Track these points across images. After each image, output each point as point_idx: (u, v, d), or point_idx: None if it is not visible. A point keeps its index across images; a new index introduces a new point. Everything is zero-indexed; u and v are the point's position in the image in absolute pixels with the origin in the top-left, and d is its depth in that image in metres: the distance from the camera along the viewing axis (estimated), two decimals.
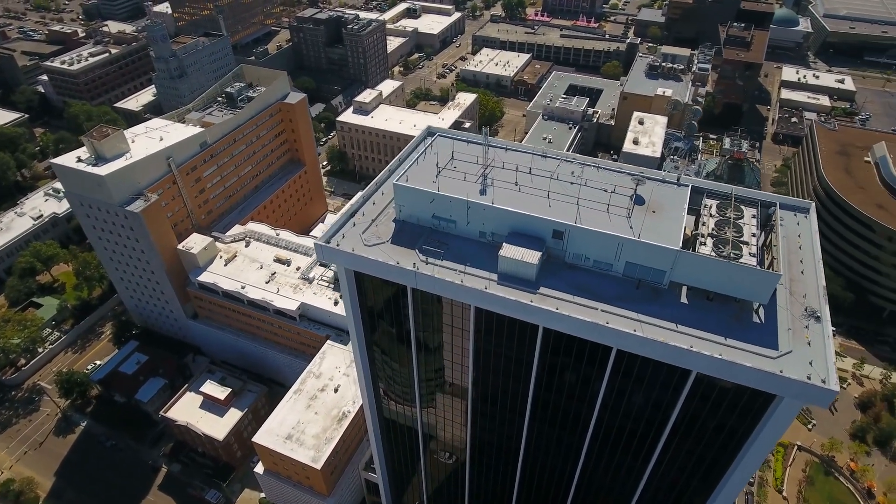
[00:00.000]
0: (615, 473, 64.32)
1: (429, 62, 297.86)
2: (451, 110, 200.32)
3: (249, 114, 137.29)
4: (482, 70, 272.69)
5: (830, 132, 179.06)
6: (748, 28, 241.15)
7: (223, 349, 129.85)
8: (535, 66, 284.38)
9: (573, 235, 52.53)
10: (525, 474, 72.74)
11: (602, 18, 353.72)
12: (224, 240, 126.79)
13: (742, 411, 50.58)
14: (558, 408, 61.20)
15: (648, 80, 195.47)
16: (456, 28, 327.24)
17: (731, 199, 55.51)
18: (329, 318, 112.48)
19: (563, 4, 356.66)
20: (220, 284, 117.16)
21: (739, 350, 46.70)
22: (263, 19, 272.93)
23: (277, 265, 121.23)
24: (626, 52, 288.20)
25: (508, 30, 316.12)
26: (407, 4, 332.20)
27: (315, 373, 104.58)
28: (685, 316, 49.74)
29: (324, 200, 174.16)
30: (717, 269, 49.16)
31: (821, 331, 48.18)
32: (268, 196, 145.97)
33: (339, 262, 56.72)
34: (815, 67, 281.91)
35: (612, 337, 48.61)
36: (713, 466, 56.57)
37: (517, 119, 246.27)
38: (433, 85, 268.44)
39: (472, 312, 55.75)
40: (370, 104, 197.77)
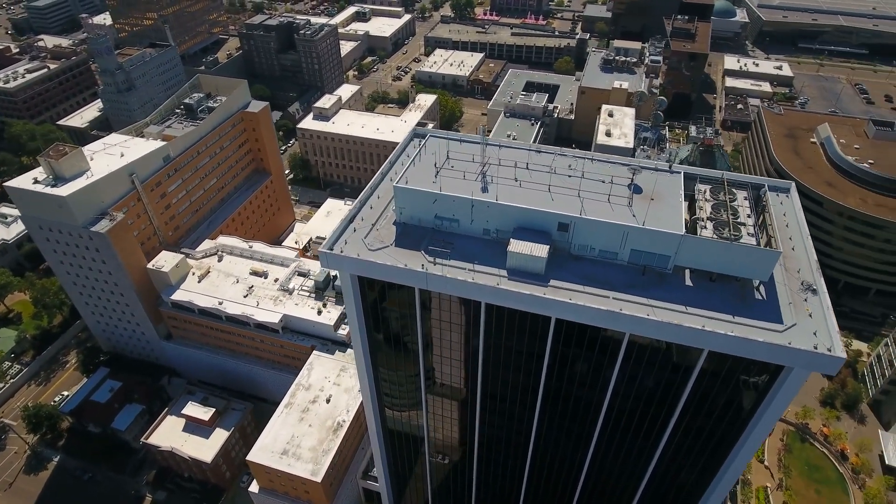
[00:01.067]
0: (626, 458, 65.66)
1: (383, 65, 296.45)
2: (412, 112, 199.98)
3: (212, 124, 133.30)
4: (437, 71, 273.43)
5: (777, 116, 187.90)
6: (692, 20, 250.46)
7: (201, 369, 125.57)
8: (490, 64, 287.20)
9: (579, 227, 53.35)
10: (534, 467, 73.39)
11: (549, 16, 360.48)
12: (195, 256, 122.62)
13: (751, 385, 52.61)
14: (569, 398, 62.02)
15: (604, 74, 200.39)
16: (407, 30, 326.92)
17: (723, 184, 57.58)
18: (313, 329, 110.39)
19: (511, 3, 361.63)
20: (196, 302, 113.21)
21: (748, 326, 48.39)
22: (210, 28, 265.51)
23: (254, 278, 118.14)
24: (576, 48, 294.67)
25: (460, 30, 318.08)
26: (356, 8, 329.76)
27: (304, 385, 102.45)
28: (691, 298, 51.24)
29: (291, 210, 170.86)
30: (720, 250, 50.81)
31: (819, 303, 50.50)
32: (235, 208, 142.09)
33: (346, 268, 55.81)
34: (753, 56, 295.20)
35: (628, 323, 49.58)
36: (723, 441, 58.49)
37: (477, 118, 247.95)
38: (389, 88, 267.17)
39: (482, 310, 55.84)
40: (330, 109, 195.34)
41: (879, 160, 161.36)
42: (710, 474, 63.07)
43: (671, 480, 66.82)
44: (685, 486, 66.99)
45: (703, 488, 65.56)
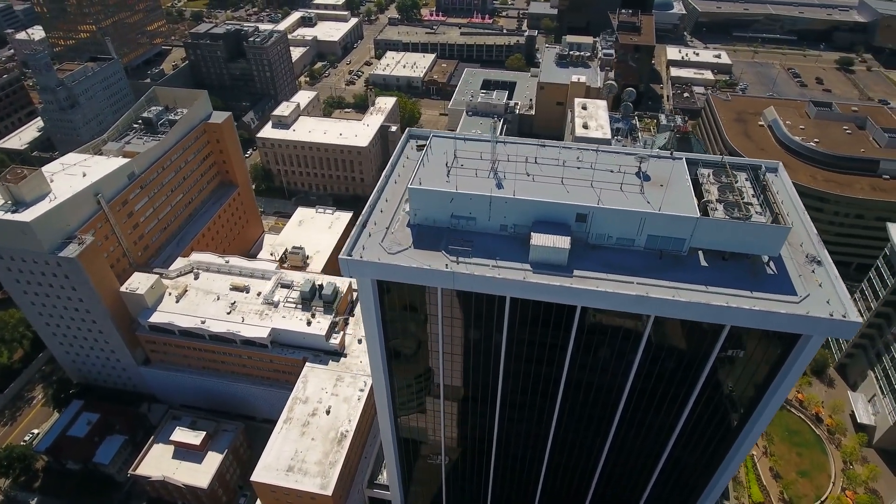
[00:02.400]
0: (644, 439, 67.40)
1: (334, 70, 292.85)
2: (374, 115, 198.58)
3: (175, 138, 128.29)
4: (391, 73, 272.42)
5: (725, 102, 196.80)
6: (635, 14, 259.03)
7: (183, 392, 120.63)
8: (442, 64, 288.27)
9: (597, 217, 54.34)
10: (552, 459, 74.26)
11: (495, 14, 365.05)
12: (169, 275, 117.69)
13: (768, 356, 55.06)
14: (591, 385, 63.11)
15: (560, 69, 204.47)
16: (355, 33, 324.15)
17: (725, 167, 59.97)
18: (304, 340, 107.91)
19: (457, 3, 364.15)
20: (177, 323, 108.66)
21: (766, 300, 50.58)
22: (151, 39, 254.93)
23: (236, 293, 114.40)
24: (526, 45, 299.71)
25: (409, 31, 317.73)
26: (301, 13, 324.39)
27: (301, 398, 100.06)
28: (709, 277, 53.08)
29: (260, 221, 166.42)
30: (733, 230, 52.86)
31: (826, 273, 53.27)
32: (205, 223, 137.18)
33: (368, 273, 55.02)
34: (693, 46, 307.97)
35: (655, 305, 50.91)
36: (741, 414, 60.95)
37: (435, 118, 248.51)
38: (344, 92, 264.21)
39: (507, 305, 56.14)
40: (290, 117, 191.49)
41: (823, 139, 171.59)
42: (726, 449, 65.60)
43: (687, 458, 69.13)
44: (700, 464, 69.45)
45: (717, 464, 68.17)
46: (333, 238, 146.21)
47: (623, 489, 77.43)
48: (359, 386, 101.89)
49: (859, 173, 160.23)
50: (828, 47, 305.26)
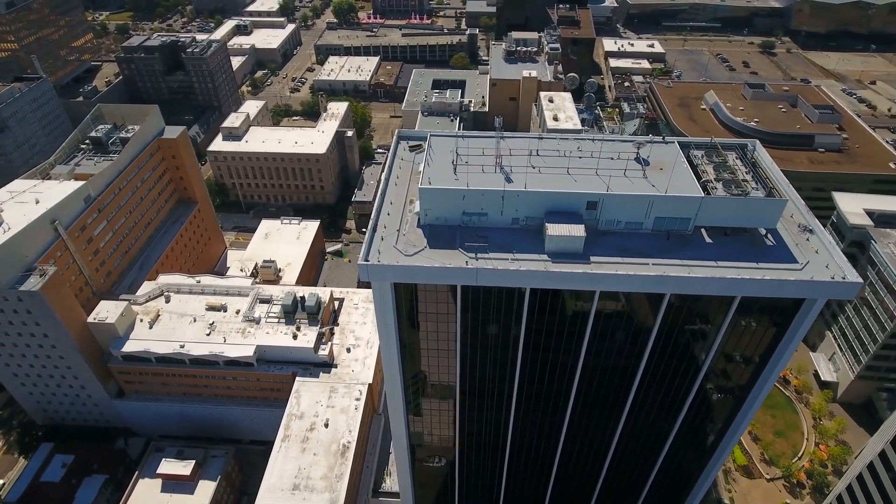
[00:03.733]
0: (657, 416, 69.68)
1: (276, 78, 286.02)
2: (328, 121, 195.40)
3: (130, 156, 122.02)
4: (337, 78, 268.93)
5: (667, 89, 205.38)
6: (573, 8, 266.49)
7: (163, 422, 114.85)
8: (387, 67, 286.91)
9: (607, 203, 55.74)
10: (566, 447, 75.50)
11: (433, 14, 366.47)
12: (137, 301, 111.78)
13: (773, 322, 58.08)
14: (606, 370, 64.75)
15: (509, 65, 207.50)
16: (293, 40, 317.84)
17: (716, 147, 62.73)
18: (291, 355, 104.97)
19: (394, 5, 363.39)
20: (153, 350, 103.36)
21: (773, 269, 53.34)
22: (80, 55, 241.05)
23: (213, 313, 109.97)
24: (468, 44, 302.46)
25: (349, 35, 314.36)
26: (235, 21, 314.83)
27: (296, 414, 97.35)
28: (716, 253, 55.45)
29: (221, 238, 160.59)
30: (734, 206, 55.45)
31: (819, 240, 56.70)
32: (167, 243, 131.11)
33: (388, 277, 54.40)
34: (626, 37, 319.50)
35: (674, 284, 52.73)
36: (746, 381, 64.01)
37: (387, 121, 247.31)
38: (290, 100, 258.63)
39: (526, 296, 56.72)
40: (240, 128, 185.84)
41: (762, 118, 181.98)
42: (731, 417, 68.80)
43: (696, 430, 72.00)
44: (708, 434, 72.49)
45: (723, 434, 71.38)
46: (303, 248, 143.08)
47: (633, 470, 79.72)
48: (354, 395, 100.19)
49: (797, 148, 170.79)
50: (750, 32, 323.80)
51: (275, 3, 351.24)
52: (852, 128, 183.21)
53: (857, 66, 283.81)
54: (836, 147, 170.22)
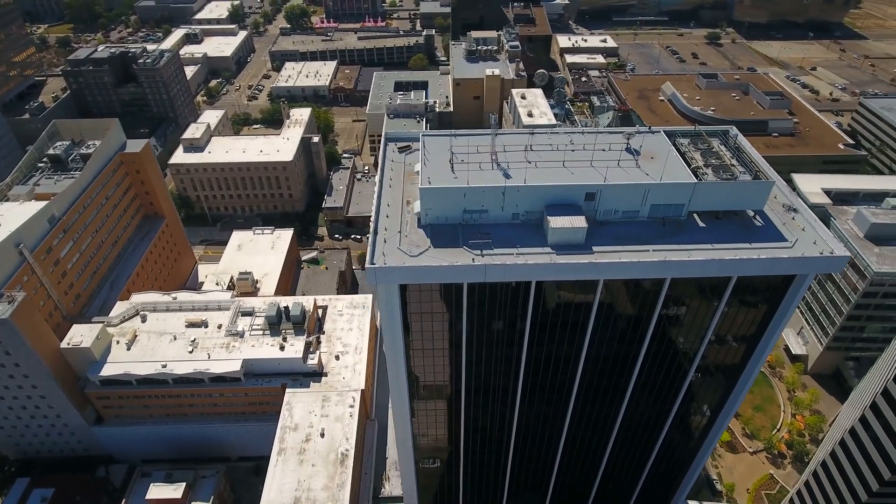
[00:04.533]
0: (657, 397, 71.49)
1: (231, 86, 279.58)
2: (292, 128, 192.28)
3: (92, 173, 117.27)
4: (295, 84, 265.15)
5: (626, 82, 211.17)
6: (528, 6, 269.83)
7: (146, 446, 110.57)
8: (345, 71, 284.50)
9: (605, 194, 56.86)
10: (569, 437, 76.57)
11: (387, 17, 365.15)
12: (112, 322, 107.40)
13: (767, 299, 60.41)
14: (609, 357, 66.01)
15: (471, 65, 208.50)
16: (247, 47, 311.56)
17: (701, 135, 64.83)
18: (279, 367, 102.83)
19: (346, 8, 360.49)
20: (133, 372, 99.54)
21: (766, 249, 55.52)
22: (23, 70, 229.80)
23: (194, 330, 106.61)
24: (425, 45, 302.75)
25: (304, 40, 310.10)
26: (185, 30, 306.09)
27: (290, 426, 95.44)
28: (710, 236, 57.28)
29: (191, 252, 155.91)
30: (725, 190, 57.43)
31: (804, 219, 59.34)
32: (137, 261, 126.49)
33: (396, 279, 54.13)
34: (579, 33, 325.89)
35: (676, 268, 54.21)
36: (742, 356, 66.37)
37: (350, 125, 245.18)
38: (248, 108, 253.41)
39: (532, 290, 57.29)
40: (202, 139, 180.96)
41: (717, 106, 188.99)
42: (726, 396, 71.21)
43: (692, 414, 74.25)
44: (703, 415, 74.78)
45: (718, 412, 73.81)
46: (279, 258, 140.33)
47: (633, 455, 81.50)
48: (347, 403, 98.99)
49: (753, 134, 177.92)
50: (697, 24, 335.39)
51: (224, 10, 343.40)
52: (801, 112, 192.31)
53: (798, 54, 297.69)
54: (788, 131, 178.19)
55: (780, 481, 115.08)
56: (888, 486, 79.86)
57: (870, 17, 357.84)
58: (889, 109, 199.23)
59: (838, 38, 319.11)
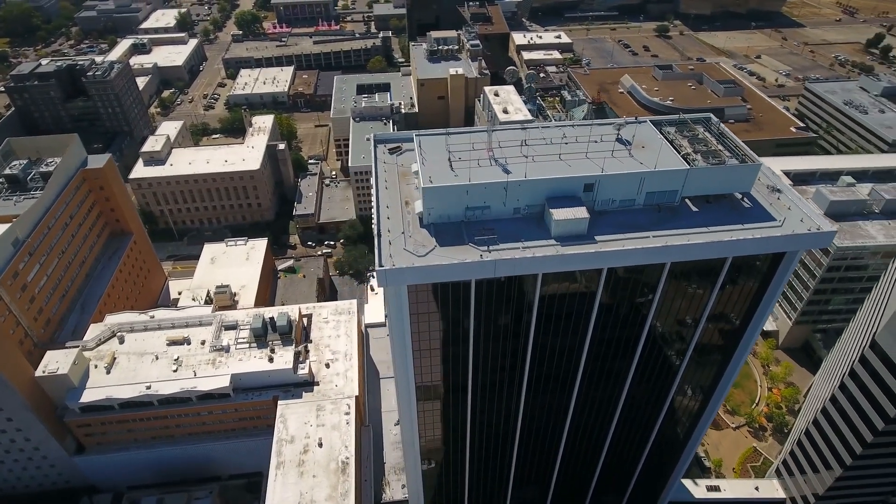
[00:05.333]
0: (657, 378, 73.40)
1: (185, 96, 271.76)
2: (256, 136, 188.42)
3: (55, 191, 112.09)
4: (252, 91, 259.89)
5: (585, 76, 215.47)
6: (483, 5, 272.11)
7: (132, 472, 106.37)
8: (303, 76, 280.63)
9: (603, 184, 58.07)
10: (573, 425, 77.74)
11: (340, 20, 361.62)
12: (87, 346, 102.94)
13: (759, 276, 62.80)
14: (611, 343, 67.38)
15: (434, 65, 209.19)
16: (198, 55, 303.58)
17: (686, 123, 66.85)
18: (270, 379, 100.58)
19: (298, 13, 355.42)
20: (116, 395, 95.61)
21: (758, 229, 57.77)
22: None
23: (176, 348, 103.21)
24: (382, 47, 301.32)
25: (258, 47, 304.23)
26: (131, 40, 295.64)
27: (286, 439, 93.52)
28: (704, 220, 59.19)
29: (161, 269, 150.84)
30: (716, 174, 59.49)
31: (788, 199, 62.02)
32: (107, 281, 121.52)
33: (407, 280, 53.91)
34: (534, 30, 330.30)
35: (677, 252, 55.72)
36: (733, 336, 68.84)
37: (313, 131, 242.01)
38: (205, 118, 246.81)
39: (538, 282, 57.98)
40: (162, 151, 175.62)
41: (675, 96, 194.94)
42: (720, 374, 73.72)
43: (689, 394, 76.56)
44: (699, 394, 77.21)
45: (713, 390, 76.35)
46: (255, 269, 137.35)
47: (633, 438, 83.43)
48: (343, 410, 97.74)
49: None
50: (646, 18, 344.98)
51: (171, 18, 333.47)
52: (753, 99, 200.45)
53: (743, 43, 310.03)
54: (743, 117, 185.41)
55: (764, 453, 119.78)
56: (870, 449, 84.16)
57: (805, 5, 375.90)
58: (832, 93, 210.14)
59: (778, 27, 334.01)
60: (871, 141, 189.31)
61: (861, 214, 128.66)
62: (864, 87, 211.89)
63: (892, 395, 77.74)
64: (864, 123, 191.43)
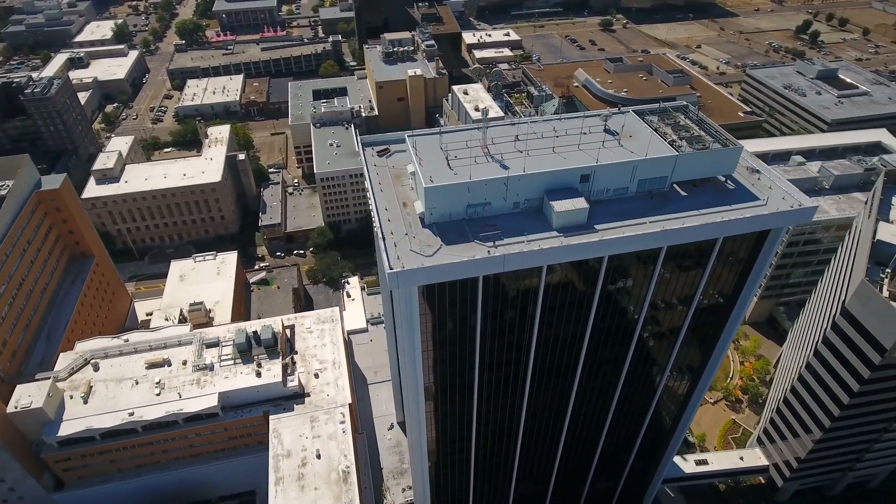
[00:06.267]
0: (655, 357, 75.73)
1: (130, 110, 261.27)
2: (213, 147, 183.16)
3: (10, 216, 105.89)
4: (202, 102, 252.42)
5: (540, 71, 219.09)
6: (432, 5, 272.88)
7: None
8: (254, 84, 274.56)
9: (598, 174, 59.62)
10: (573, 416, 79.21)
11: (286, 25, 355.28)
12: (59, 376, 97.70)
13: (746, 254, 65.64)
14: (611, 330, 69.11)
15: (391, 67, 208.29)
16: (140, 67, 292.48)
17: (667, 111, 69.21)
18: (259, 394, 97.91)
19: (241, 20, 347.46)
20: (97, 425, 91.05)
21: (745, 208, 60.47)
22: None
23: (157, 371, 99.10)
24: (333, 51, 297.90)
25: (203, 55, 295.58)
26: (67, 55, 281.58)
27: (282, 453, 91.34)
28: (694, 203, 61.57)
29: (125, 290, 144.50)
30: (702, 159, 61.95)
31: (767, 178, 65.10)
32: (72, 307, 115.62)
33: (420, 280, 53.94)
34: (482, 29, 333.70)
35: (675, 235, 57.81)
36: (724, 311, 71.73)
37: (270, 139, 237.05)
38: (154, 131, 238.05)
39: (543, 274, 58.84)
40: (115, 169, 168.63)
41: (629, 87, 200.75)
42: (711, 348, 76.67)
43: (683, 369, 79.29)
44: (691, 372, 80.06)
45: (703, 367, 79.36)
46: (228, 283, 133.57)
47: (631, 420, 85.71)
48: (337, 419, 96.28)
49: None
50: (589, 13, 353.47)
51: (107, 30, 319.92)
52: (700, 86, 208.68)
53: (683, 34, 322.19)
54: (695, 105, 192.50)
55: (742, 424, 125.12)
56: (847, 410, 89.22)
57: None
58: (772, 77, 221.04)
59: (714, 18, 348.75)
60: (812, 122, 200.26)
61: (813, 191, 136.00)
62: (800, 70, 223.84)
63: (865, 357, 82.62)
64: (803, 105, 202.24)
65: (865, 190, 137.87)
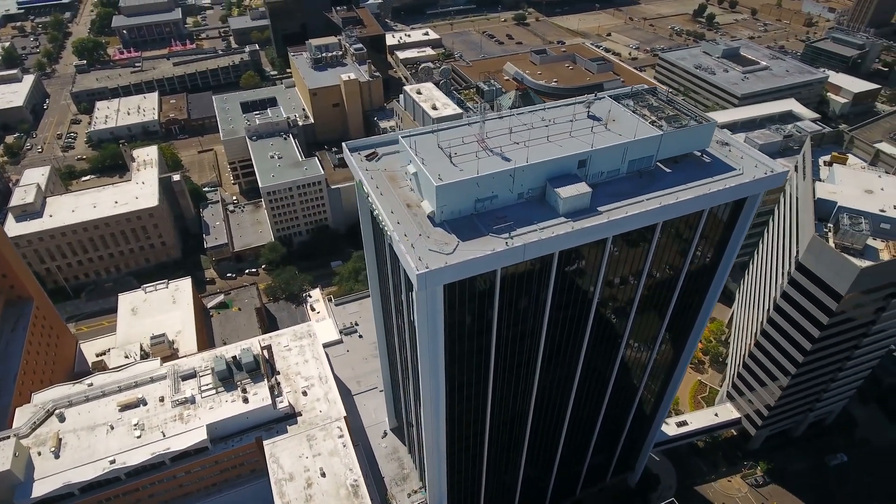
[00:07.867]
0: (647, 333, 79.62)
1: (33, 139, 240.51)
2: (143, 171, 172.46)
3: None
4: (117, 124, 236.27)
5: (469, 67, 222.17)
6: (351, 8, 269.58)
7: None
8: (171, 101, 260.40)
9: (594, 158, 62.22)
10: (578, 392, 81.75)
11: (195, 38, 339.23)
12: (21, 433, 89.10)
13: (725, 221, 70.45)
14: (614, 308, 72.06)
15: (321, 73, 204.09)
16: (39, 92, 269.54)
17: (641, 94, 72.86)
18: (249, 420, 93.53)
19: (145, 35, 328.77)
20: (76, 479, 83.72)
21: (725, 179, 65.04)
22: None
23: (132, 412, 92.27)
24: (251, 61, 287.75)
25: (110, 75, 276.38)
26: None
27: (284, 478, 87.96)
28: (679, 178, 65.60)
29: (69, 332, 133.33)
30: (682, 136, 66.02)
31: (738, 150, 70.19)
32: (18, 357, 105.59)
33: (447, 278, 54.27)
34: (400, 29, 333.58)
35: (673, 210, 61.31)
36: (707, 277, 76.59)
37: (199, 158, 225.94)
38: (66, 159, 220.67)
39: (555, 260, 60.53)
40: (36, 203, 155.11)
41: (558, 77, 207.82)
42: (694, 315, 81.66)
43: (672, 339, 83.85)
44: (679, 339, 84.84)
45: (688, 335, 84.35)
46: (187, 311, 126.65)
47: (626, 395, 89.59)
48: (335, 434, 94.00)
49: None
50: (503, 8, 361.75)
51: None
52: (622, 72, 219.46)
53: (593, 24, 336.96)
54: None
55: (708, 384, 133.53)
56: (809, 355, 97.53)
57: None
58: (683, 59, 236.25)
59: (619, 7, 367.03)
60: (723, 97, 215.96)
61: None
62: (706, 51, 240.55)
63: (823, 305, 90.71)
64: (714, 83, 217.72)
65: (786, 156, 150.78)
